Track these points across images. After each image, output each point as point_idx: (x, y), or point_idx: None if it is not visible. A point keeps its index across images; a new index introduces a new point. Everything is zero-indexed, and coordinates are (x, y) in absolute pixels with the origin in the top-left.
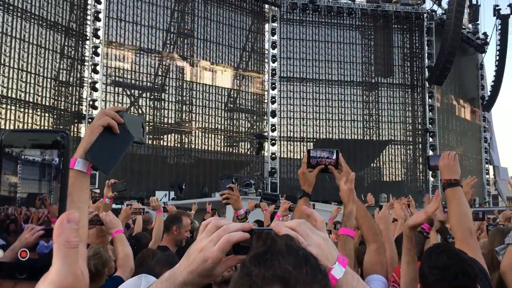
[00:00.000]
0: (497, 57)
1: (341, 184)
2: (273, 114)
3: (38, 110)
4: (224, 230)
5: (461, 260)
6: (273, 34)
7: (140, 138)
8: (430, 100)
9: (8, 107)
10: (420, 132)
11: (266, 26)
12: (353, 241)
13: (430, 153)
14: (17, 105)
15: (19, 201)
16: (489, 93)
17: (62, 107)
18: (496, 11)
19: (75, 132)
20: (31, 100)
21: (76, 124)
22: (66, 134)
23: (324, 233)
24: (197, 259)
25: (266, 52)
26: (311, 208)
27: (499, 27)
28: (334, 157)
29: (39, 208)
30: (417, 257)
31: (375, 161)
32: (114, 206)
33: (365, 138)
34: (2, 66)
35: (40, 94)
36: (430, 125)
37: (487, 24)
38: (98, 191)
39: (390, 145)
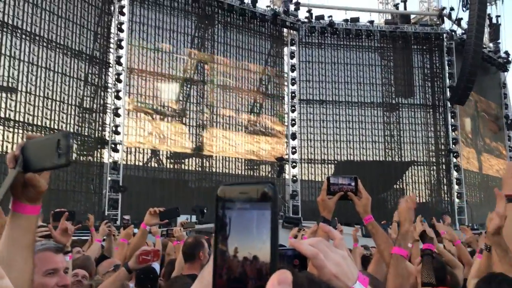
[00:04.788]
0: None
1: (401, 202)
2: (294, 137)
3: None
4: None
5: None
6: (292, 57)
7: (52, 162)
8: (452, 120)
9: (34, 133)
10: (443, 153)
11: (285, 49)
12: (406, 261)
13: (455, 173)
14: (43, 132)
15: (234, 256)
16: None
17: (86, 133)
18: None
19: (99, 158)
20: (56, 127)
21: (99, 150)
22: (273, 185)
23: (343, 251)
24: (211, 283)
25: (286, 75)
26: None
27: None
28: (354, 184)
29: (252, 265)
30: (435, 279)
31: (398, 183)
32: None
33: (387, 159)
34: (28, 94)
35: (64, 121)
36: (453, 145)
37: (509, 42)
38: (128, 217)
39: (412, 166)
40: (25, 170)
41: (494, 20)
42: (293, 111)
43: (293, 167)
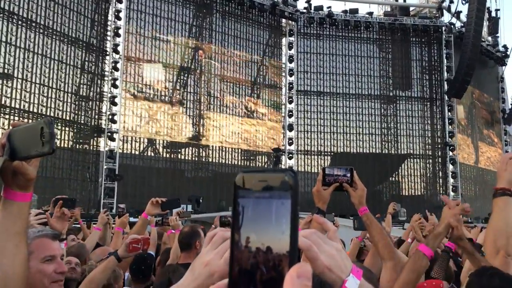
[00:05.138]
0: None
1: (449, 203)
2: (291, 128)
3: (59, 124)
4: None
5: None
6: (290, 48)
7: (37, 150)
8: (449, 113)
9: (30, 121)
10: (439, 146)
11: (284, 40)
12: (427, 261)
13: (451, 167)
14: (38, 119)
15: (253, 246)
16: (510, 106)
17: (82, 121)
18: None
19: (95, 146)
20: (52, 114)
21: (95, 138)
22: (293, 173)
23: (337, 243)
24: (202, 274)
25: (283, 66)
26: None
27: None
28: (349, 175)
29: (265, 255)
30: (444, 278)
31: (394, 175)
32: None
33: (383, 152)
34: (24, 81)
35: (61, 108)
36: (449, 139)
37: (507, 36)
38: (123, 206)
39: (409, 159)
40: (12, 158)
41: (493, 14)
42: (290, 102)
43: (290, 158)
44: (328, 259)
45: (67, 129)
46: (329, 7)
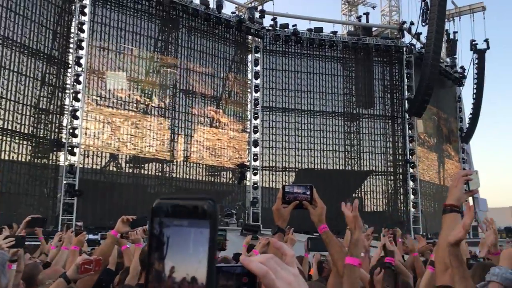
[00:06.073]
0: (475, 90)
1: (346, 212)
2: (256, 144)
3: (17, 137)
4: None
5: None
6: (256, 64)
7: None
8: (410, 131)
9: None
10: (400, 163)
11: (249, 56)
12: (359, 271)
13: (411, 183)
14: None
15: (169, 277)
16: (467, 125)
17: (42, 135)
18: (473, 45)
19: (54, 161)
20: (10, 127)
21: (55, 152)
22: (213, 202)
23: (294, 268)
24: None
25: (249, 82)
26: (283, 243)
27: (476, 61)
28: (309, 192)
29: (190, 286)
30: None
31: (357, 191)
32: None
33: (346, 168)
34: None
35: (19, 121)
36: (410, 156)
37: (465, 57)
38: (80, 224)
39: (371, 176)
40: None
41: (451, 36)
42: (255, 118)
43: (255, 174)
44: (284, 286)
45: (25, 142)
46: (295, 25)
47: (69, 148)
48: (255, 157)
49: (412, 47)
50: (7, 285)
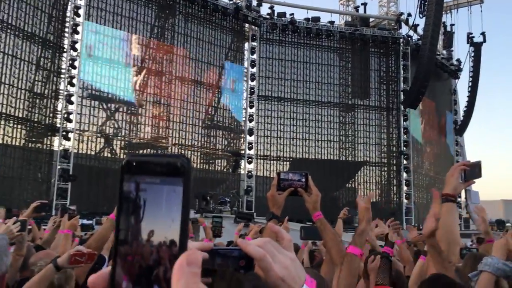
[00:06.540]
0: (470, 83)
1: (359, 202)
2: (251, 132)
3: (11, 121)
4: None
5: None
6: (252, 53)
7: None
8: (405, 123)
9: None
10: (394, 154)
11: (246, 44)
12: (359, 261)
13: (404, 175)
14: None
15: (142, 237)
16: (461, 118)
17: (36, 119)
18: (470, 38)
19: (48, 145)
20: (3, 111)
21: (49, 137)
22: (187, 159)
23: (291, 252)
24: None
25: (245, 70)
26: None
27: (472, 54)
28: (304, 180)
29: (161, 246)
30: (388, 282)
31: (350, 182)
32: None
33: (341, 158)
34: None
35: (13, 105)
36: (404, 148)
37: (461, 50)
38: (74, 207)
39: (365, 166)
40: None
41: (448, 28)
42: (251, 106)
43: (249, 162)
44: (281, 270)
45: (19, 126)
46: (292, 14)
47: (64, 133)
48: (250, 145)
49: (409, 38)
50: (7, 268)
